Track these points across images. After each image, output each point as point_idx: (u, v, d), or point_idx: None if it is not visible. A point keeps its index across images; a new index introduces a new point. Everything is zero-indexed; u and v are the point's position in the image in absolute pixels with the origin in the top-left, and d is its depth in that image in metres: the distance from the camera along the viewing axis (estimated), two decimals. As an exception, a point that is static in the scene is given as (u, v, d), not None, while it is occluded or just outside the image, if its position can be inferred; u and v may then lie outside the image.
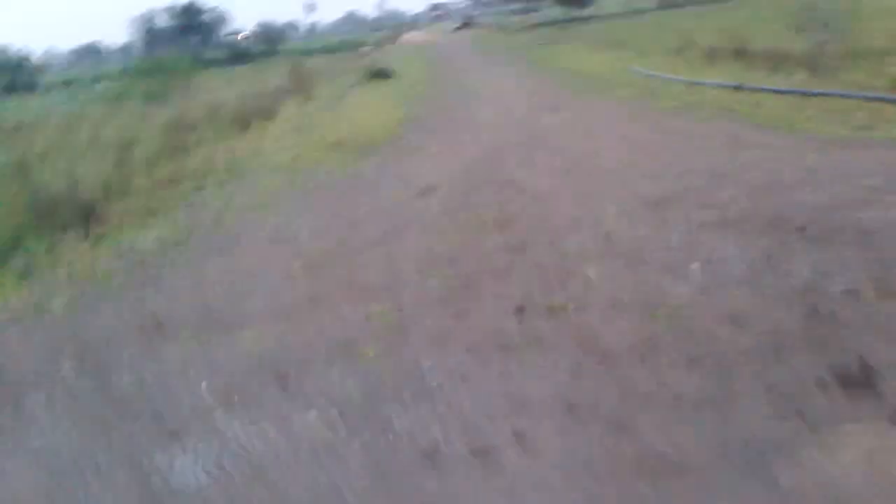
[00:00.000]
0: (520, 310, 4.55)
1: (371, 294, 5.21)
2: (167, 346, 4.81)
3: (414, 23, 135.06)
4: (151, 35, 78.35)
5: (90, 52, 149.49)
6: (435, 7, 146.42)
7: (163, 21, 78.74)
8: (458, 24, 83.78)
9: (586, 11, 71.19)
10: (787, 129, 8.65)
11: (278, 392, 3.99)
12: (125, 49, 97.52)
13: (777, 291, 4.30)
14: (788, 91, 10.73)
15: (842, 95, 9.85)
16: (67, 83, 56.65)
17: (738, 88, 11.60)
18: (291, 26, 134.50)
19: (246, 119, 15.14)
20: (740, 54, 15.03)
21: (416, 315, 4.71)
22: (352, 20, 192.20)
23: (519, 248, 5.79)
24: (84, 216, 8.18)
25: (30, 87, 61.75)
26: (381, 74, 24.11)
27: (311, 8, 71.85)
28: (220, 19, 79.13)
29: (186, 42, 75.46)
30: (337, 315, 4.89)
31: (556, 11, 73.85)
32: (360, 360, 4.22)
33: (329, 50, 61.83)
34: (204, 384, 4.19)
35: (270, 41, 76.36)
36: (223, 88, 25.53)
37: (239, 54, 70.79)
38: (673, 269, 4.85)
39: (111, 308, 5.70)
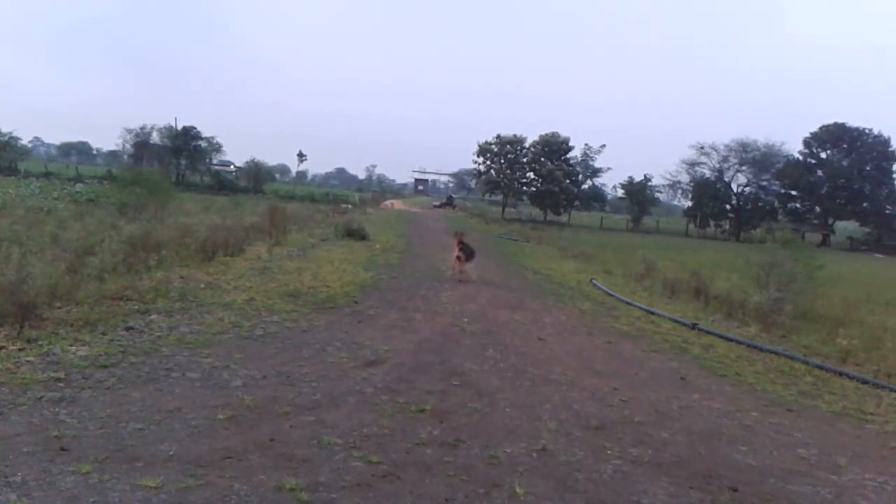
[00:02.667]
0: (438, 516, 4.35)
1: (290, 464, 4.97)
2: (65, 474, 4.47)
3: (398, 191, 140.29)
4: (142, 148, 79.95)
5: (78, 150, 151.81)
6: (419, 181, 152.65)
7: (156, 138, 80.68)
8: (439, 202, 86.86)
9: (562, 218, 74.65)
10: (734, 380, 8.81)
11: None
12: (114, 155, 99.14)
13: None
14: (741, 341, 11.02)
15: (791, 357, 10.13)
16: (48, 175, 57.06)
17: (693, 328, 11.92)
18: (283, 168, 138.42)
19: (212, 250, 15.10)
20: (699, 293, 15.61)
21: (330, 500, 4.46)
22: (341, 176, 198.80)
23: (452, 445, 5.64)
24: (22, 315, 7.89)
25: (10, 171, 62.07)
26: (356, 234, 24.53)
27: (302, 156, 73.31)
28: (212, 148, 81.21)
29: (176, 162, 77.08)
30: (248, 480, 4.62)
31: (534, 211, 77.27)
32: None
33: (313, 198, 63.47)
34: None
35: (257, 178, 78.16)
36: (199, 214, 25.73)
37: (224, 184, 72.30)
38: (602, 506, 4.73)
39: (20, 420, 5.34)
